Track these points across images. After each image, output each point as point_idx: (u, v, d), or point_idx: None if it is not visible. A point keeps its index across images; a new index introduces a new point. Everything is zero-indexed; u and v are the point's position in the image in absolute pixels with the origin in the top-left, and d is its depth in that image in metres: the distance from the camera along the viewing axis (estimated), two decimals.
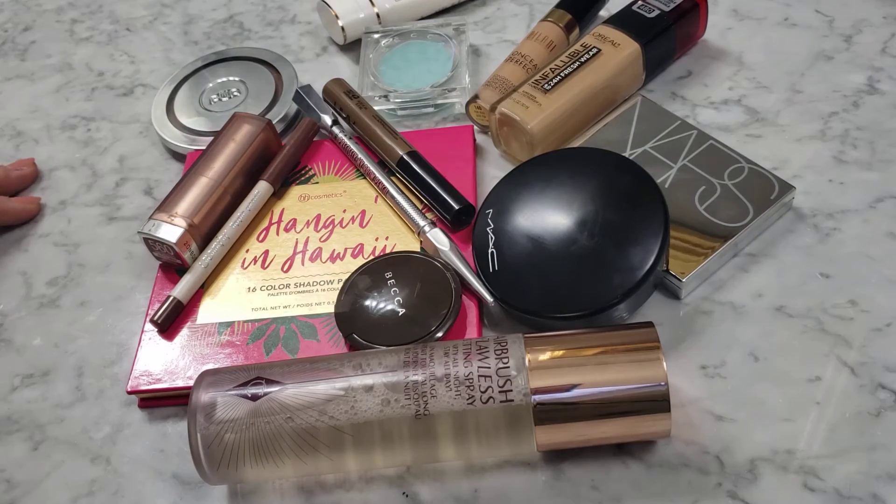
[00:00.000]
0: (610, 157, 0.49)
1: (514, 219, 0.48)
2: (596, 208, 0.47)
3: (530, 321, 0.46)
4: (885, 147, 0.54)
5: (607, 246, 0.45)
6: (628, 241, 0.45)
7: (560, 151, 0.51)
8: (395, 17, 0.66)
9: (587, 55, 0.56)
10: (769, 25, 0.63)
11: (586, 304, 0.44)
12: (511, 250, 0.47)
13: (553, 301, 0.45)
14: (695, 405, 0.44)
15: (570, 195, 0.48)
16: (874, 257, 0.48)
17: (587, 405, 0.39)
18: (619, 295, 0.44)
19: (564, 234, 0.46)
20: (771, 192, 0.50)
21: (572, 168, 0.49)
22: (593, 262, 0.45)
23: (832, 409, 0.43)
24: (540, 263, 0.46)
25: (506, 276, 0.46)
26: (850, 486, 0.40)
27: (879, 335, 0.45)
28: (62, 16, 0.78)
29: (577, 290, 0.45)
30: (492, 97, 0.57)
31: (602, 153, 0.49)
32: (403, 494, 0.42)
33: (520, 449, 0.40)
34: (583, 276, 0.45)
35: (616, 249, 0.45)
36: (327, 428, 0.39)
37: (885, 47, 0.60)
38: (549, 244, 0.46)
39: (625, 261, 0.44)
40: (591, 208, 0.47)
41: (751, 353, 0.45)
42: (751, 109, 0.57)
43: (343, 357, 0.42)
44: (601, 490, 0.41)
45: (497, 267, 0.47)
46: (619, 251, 0.45)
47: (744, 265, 0.49)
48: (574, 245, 0.46)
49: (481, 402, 0.39)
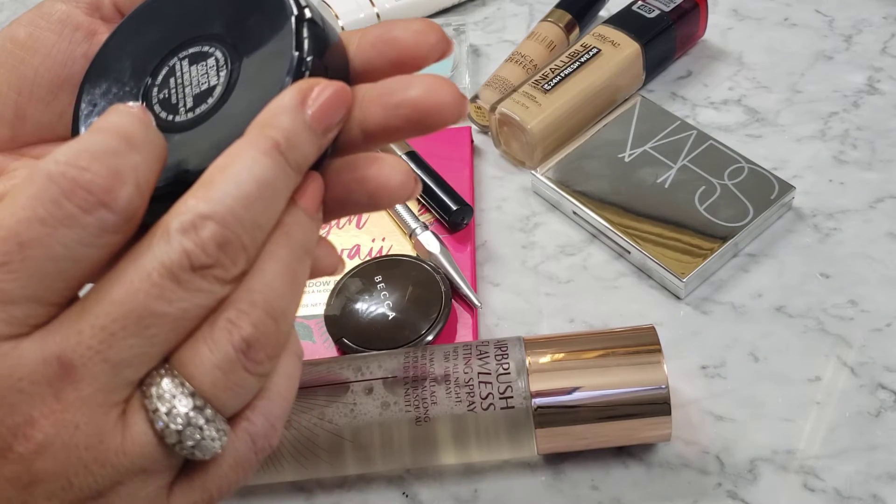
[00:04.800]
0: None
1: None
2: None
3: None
4: (885, 147, 0.54)
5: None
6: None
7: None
8: (395, 17, 0.66)
9: (587, 55, 0.56)
10: (769, 25, 0.63)
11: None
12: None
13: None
14: (695, 405, 0.44)
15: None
16: (874, 257, 0.48)
17: (588, 408, 0.39)
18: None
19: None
20: (771, 192, 0.50)
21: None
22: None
23: (832, 409, 0.43)
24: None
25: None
26: (850, 486, 0.40)
27: (879, 335, 0.45)
28: None
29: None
30: (492, 97, 0.57)
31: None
32: (403, 495, 0.42)
33: (520, 452, 0.40)
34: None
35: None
36: (326, 433, 0.39)
37: (885, 47, 0.60)
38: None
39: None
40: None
41: (751, 353, 0.45)
42: (751, 109, 0.57)
43: (342, 360, 0.42)
44: (601, 490, 0.41)
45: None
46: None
47: (744, 265, 0.49)
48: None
49: (482, 408, 0.39)
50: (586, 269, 0.50)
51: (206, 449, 0.24)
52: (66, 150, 0.22)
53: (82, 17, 0.30)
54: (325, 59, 0.26)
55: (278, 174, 0.23)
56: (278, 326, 0.24)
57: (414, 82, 0.26)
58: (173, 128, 0.27)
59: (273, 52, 0.26)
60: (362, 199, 0.27)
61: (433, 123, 0.26)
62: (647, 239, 0.49)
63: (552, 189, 0.52)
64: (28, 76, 0.30)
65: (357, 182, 0.26)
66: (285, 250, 0.24)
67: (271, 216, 0.24)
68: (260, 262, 0.24)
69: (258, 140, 0.23)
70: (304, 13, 0.26)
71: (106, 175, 0.22)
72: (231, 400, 0.24)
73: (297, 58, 0.25)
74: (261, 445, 0.26)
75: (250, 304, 0.24)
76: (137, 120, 0.24)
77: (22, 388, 0.22)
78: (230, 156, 0.23)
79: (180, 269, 0.22)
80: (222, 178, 0.23)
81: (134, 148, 0.23)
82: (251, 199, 0.23)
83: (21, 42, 0.30)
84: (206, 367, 0.23)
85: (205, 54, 0.28)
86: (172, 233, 0.22)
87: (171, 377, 0.23)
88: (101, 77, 0.29)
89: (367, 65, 0.28)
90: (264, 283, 0.24)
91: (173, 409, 0.23)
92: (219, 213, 0.22)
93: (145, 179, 0.23)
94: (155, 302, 0.22)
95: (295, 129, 0.24)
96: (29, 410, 0.22)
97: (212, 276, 0.23)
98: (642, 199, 0.50)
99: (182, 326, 0.23)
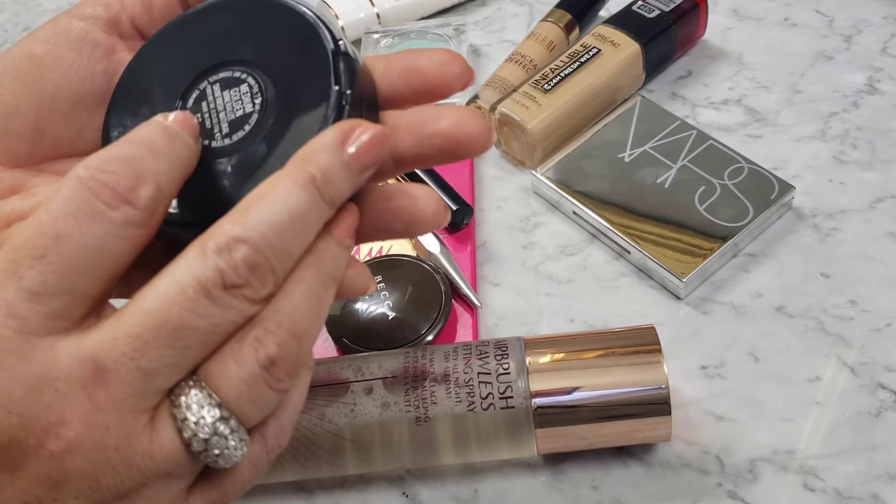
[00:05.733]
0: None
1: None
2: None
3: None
4: (885, 147, 0.54)
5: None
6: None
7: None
8: (395, 17, 0.66)
9: (587, 55, 0.56)
10: (769, 25, 0.63)
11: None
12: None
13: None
14: (695, 405, 0.44)
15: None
16: (874, 257, 0.48)
17: (588, 408, 0.39)
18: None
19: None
20: (771, 192, 0.50)
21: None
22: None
23: (832, 409, 0.43)
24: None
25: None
26: (850, 486, 0.40)
27: (879, 335, 0.45)
28: None
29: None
30: (492, 97, 0.57)
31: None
32: (403, 495, 0.42)
33: (520, 452, 0.40)
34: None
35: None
36: (326, 433, 0.39)
37: (885, 47, 0.60)
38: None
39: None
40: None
41: (751, 353, 0.45)
42: (751, 109, 0.57)
43: (342, 360, 0.42)
44: (601, 490, 0.41)
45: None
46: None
47: (744, 265, 0.49)
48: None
49: (482, 408, 0.39)
50: (586, 269, 0.50)
51: (228, 458, 0.25)
52: (94, 157, 0.25)
53: (101, 35, 0.31)
54: (359, 91, 0.27)
55: (312, 207, 0.25)
56: (300, 346, 0.26)
57: (444, 114, 0.28)
58: (210, 153, 0.28)
59: (310, 83, 0.27)
60: (397, 227, 0.29)
61: (463, 154, 0.28)
62: (647, 239, 0.49)
63: (552, 189, 0.52)
64: (47, 93, 0.30)
65: (392, 212, 0.28)
66: (313, 275, 0.26)
67: (302, 244, 0.25)
68: (289, 284, 0.25)
69: (296, 174, 0.25)
70: (340, 46, 0.27)
71: (129, 175, 0.24)
72: (254, 412, 0.26)
73: (336, 92, 0.27)
74: (272, 445, 0.27)
75: (277, 324, 0.25)
76: (163, 132, 0.26)
77: (57, 388, 0.23)
78: (268, 185, 0.25)
79: (213, 286, 0.24)
80: (258, 206, 0.24)
81: (157, 156, 0.25)
82: (283, 227, 0.24)
83: (39, 59, 0.30)
84: (233, 381, 0.25)
85: (237, 80, 0.28)
86: (208, 252, 0.24)
87: (199, 388, 0.25)
88: (130, 98, 0.30)
89: (394, 93, 0.29)
90: (291, 306, 0.25)
91: (201, 419, 0.24)
92: (252, 238, 0.24)
93: (166, 182, 0.25)
94: (188, 315, 0.24)
95: (332, 166, 0.25)
96: (63, 410, 0.23)
97: (241, 295, 0.24)
98: (642, 199, 0.50)
99: (211, 340, 0.24)
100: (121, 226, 0.24)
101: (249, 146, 0.27)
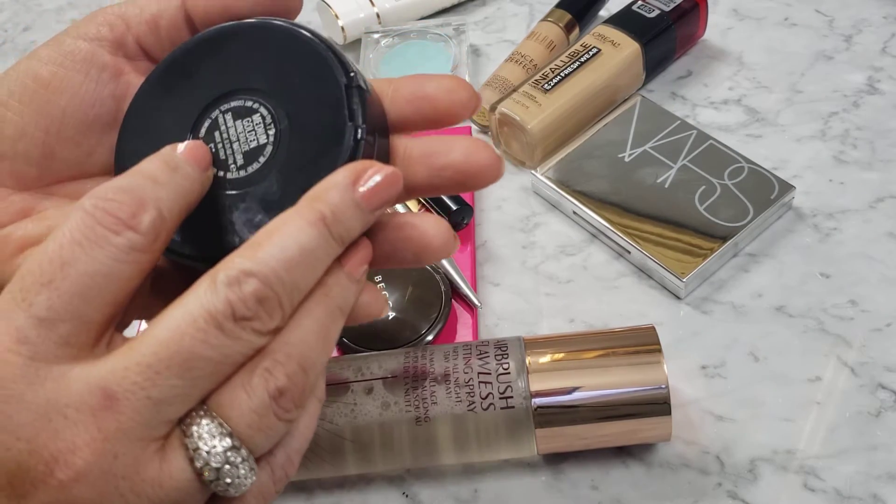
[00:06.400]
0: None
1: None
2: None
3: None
4: (885, 147, 0.54)
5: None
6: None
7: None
8: (395, 16, 0.66)
9: (587, 55, 0.56)
10: (769, 25, 0.63)
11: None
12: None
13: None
14: (695, 405, 0.44)
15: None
16: (874, 257, 0.48)
17: (587, 408, 0.39)
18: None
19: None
20: (771, 192, 0.50)
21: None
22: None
23: (832, 409, 0.43)
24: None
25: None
26: (850, 486, 0.40)
27: (879, 335, 0.45)
28: (62, 16, 0.78)
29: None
30: (492, 97, 0.57)
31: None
32: (403, 495, 0.42)
33: (520, 452, 0.40)
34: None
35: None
36: (326, 433, 0.39)
37: (885, 47, 0.60)
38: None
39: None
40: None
41: (751, 353, 0.45)
42: (751, 109, 0.57)
43: (342, 360, 0.42)
44: (601, 490, 0.41)
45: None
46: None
47: (744, 265, 0.49)
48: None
49: (482, 408, 0.39)
50: (586, 269, 0.50)
51: (238, 486, 0.26)
52: (99, 189, 0.25)
53: (107, 57, 0.31)
54: (371, 123, 0.28)
55: (321, 244, 0.25)
56: (308, 378, 0.26)
57: (455, 145, 0.29)
58: (225, 184, 0.28)
59: (324, 117, 0.27)
60: (408, 256, 0.29)
61: (474, 185, 0.29)
62: (647, 239, 0.49)
63: (552, 189, 0.52)
64: (55, 116, 0.30)
65: (403, 241, 0.28)
66: (322, 309, 0.26)
67: (310, 279, 0.26)
68: (298, 316, 0.26)
69: (306, 211, 0.25)
70: (353, 78, 0.27)
71: (131, 203, 0.25)
72: (263, 441, 0.26)
73: (350, 128, 0.27)
74: (279, 475, 0.28)
75: (286, 355, 0.25)
76: (165, 165, 0.26)
77: (67, 415, 0.24)
78: (279, 222, 0.25)
79: (224, 318, 0.24)
80: (269, 242, 0.25)
81: (159, 185, 0.26)
82: (292, 263, 0.25)
83: (45, 81, 0.30)
84: (243, 411, 0.25)
85: (249, 109, 0.28)
86: (219, 284, 0.24)
87: (210, 418, 0.25)
88: (141, 125, 0.30)
89: (403, 119, 0.30)
90: (299, 338, 0.26)
91: (213, 449, 0.25)
92: (261, 273, 0.24)
93: (168, 209, 0.26)
94: (199, 346, 0.24)
95: (343, 205, 0.26)
96: (72, 437, 0.24)
97: (251, 327, 0.25)
98: (642, 199, 0.50)
99: (221, 371, 0.25)
100: (124, 250, 0.25)
101: (264, 180, 0.28)
